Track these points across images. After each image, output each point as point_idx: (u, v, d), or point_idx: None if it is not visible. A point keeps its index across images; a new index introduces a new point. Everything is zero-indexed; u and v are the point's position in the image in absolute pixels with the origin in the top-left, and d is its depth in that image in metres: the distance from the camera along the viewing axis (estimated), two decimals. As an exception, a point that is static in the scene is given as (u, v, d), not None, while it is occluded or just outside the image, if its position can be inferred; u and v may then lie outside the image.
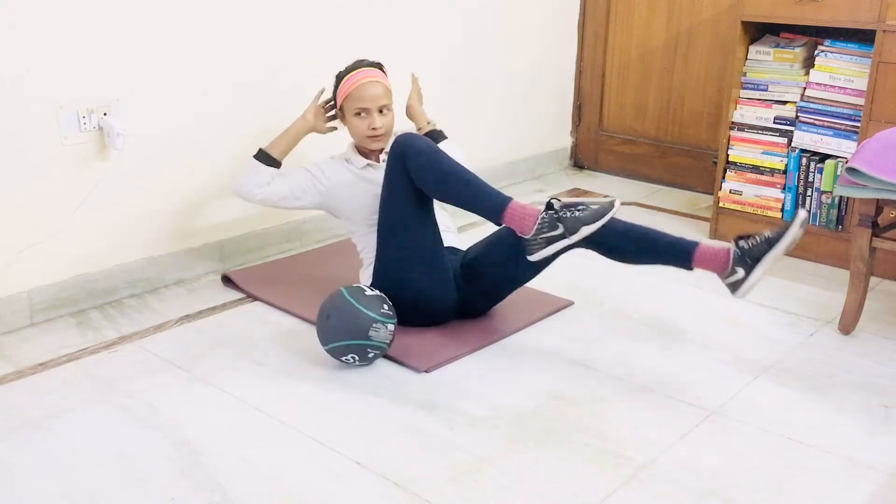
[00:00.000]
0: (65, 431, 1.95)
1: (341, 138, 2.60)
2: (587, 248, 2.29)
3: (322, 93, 2.59)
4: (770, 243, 2.14)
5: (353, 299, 2.17)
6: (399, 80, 2.68)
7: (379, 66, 2.52)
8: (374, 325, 2.16)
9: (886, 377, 2.25)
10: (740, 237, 2.20)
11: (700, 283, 2.82)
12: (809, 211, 3.02)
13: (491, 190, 2.21)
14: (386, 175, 2.28)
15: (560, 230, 2.11)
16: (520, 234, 2.16)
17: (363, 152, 2.53)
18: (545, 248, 2.14)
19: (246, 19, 2.78)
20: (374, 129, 2.44)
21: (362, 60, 2.51)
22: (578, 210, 2.12)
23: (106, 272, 2.60)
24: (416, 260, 2.31)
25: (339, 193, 2.50)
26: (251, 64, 2.82)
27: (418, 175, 2.21)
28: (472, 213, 2.23)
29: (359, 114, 2.44)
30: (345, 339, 2.16)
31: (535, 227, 2.12)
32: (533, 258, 2.17)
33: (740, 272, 2.16)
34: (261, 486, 1.77)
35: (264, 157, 2.51)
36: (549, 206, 2.15)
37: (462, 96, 3.61)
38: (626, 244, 2.29)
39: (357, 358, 2.19)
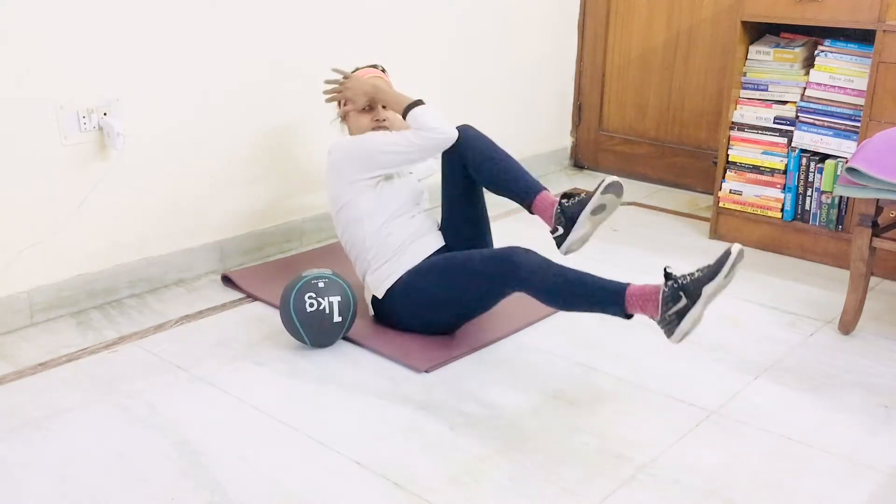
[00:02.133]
0: (65, 431, 1.95)
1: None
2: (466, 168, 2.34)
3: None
4: (582, 204, 2.21)
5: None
6: (399, 80, 2.68)
7: (377, 66, 2.54)
8: (299, 284, 2.26)
9: (886, 377, 2.25)
10: (564, 195, 2.26)
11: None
12: (809, 210, 3.02)
13: (601, 285, 2.11)
14: (481, 265, 2.23)
15: (684, 302, 1.99)
16: (651, 317, 2.05)
17: None
18: (679, 323, 2.00)
19: (246, 19, 2.78)
20: (377, 120, 2.46)
21: (364, 66, 2.53)
22: (698, 271, 2.01)
23: (106, 272, 2.60)
24: (455, 310, 2.35)
25: (381, 182, 2.43)
26: (251, 64, 2.82)
27: (529, 290, 2.16)
28: (592, 312, 2.15)
29: (362, 110, 2.47)
30: (285, 298, 2.27)
31: (661, 307, 2.01)
32: (673, 341, 2.04)
33: (560, 230, 2.24)
34: (261, 486, 1.77)
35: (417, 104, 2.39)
36: (666, 276, 2.04)
37: (462, 96, 3.61)
38: (489, 169, 2.33)
39: (313, 291, 2.24)
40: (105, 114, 2.49)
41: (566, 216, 2.23)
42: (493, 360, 2.30)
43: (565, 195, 2.27)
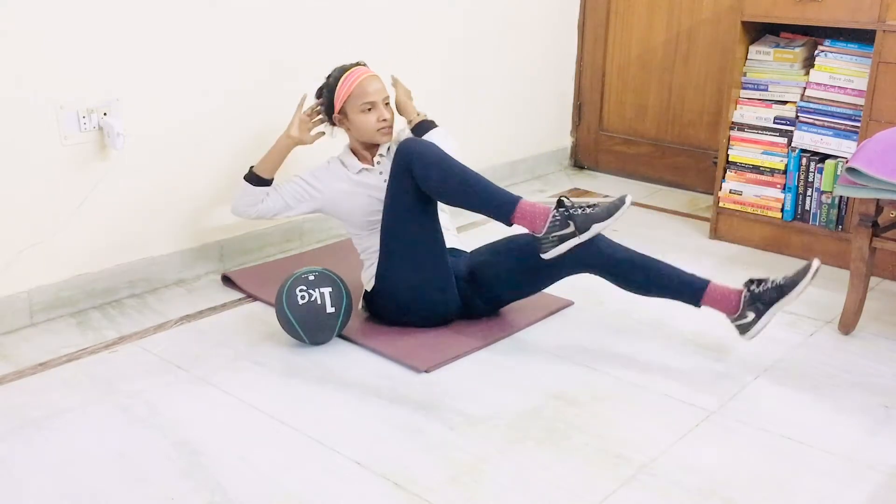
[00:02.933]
0: (65, 431, 1.95)
1: (335, 142, 2.60)
2: (598, 275, 2.30)
3: (304, 99, 2.56)
4: (782, 291, 2.17)
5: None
6: (401, 80, 2.68)
7: (361, 63, 2.51)
8: (290, 280, 2.29)
9: (886, 377, 2.25)
10: (752, 281, 2.23)
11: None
12: (809, 210, 3.02)
13: (499, 190, 2.21)
14: (390, 179, 2.28)
15: (571, 228, 2.11)
16: (531, 233, 2.15)
17: (359, 155, 2.52)
18: (557, 245, 2.14)
19: (246, 19, 2.78)
20: (384, 120, 2.44)
21: (345, 64, 2.50)
22: (589, 207, 2.12)
23: (106, 272, 2.61)
24: (419, 263, 2.31)
25: (335, 198, 2.49)
26: (251, 64, 2.82)
27: (424, 180, 2.20)
28: (481, 214, 2.23)
29: (366, 109, 2.43)
30: (279, 295, 2.29)
31: (547, 225, 2.12)
32: (546, 256, 2.17)
33: (750, 315, 2.20)
34: (261, 486, 1.77)
35: (254, 178, 2.52)
36: (559, 203, 2.14)
37: (462, 96, 3.61)
38: (637, 275, 2.29)
39: (303, 284, 2.26)
40: (105, 114, 2.49)
41: (762, 301, 2.19)
42: (493, 360, 2.30)
43: (751, 280, 2.24)
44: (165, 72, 2.61)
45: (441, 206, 2.46)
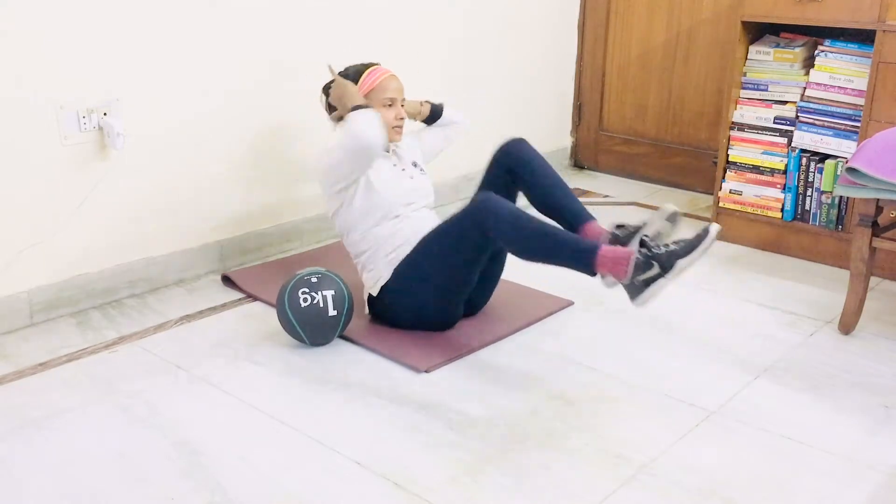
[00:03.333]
0: (65, 431, 1.95)
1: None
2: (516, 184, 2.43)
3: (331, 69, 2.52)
4: (636, 232, 2.18)
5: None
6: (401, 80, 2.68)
7: (375, 64, 2.53)
8: (293, 282, 2.28)
9: (886, 377, 2.25)
10: (618, 226, 2.24)
11: (700, 284, 2.82)
12: (809, 210, 3.02)
13: (576, 240, 2.14)
14: (457, 218, 2.24)
15: (656, 270, 2.01)
16: (619, 281, 2.07)
17: None
18: (645, 290, 2.04)
19: (246, 19, 2.78)
20: (401, 118, 2.48)
21: (363, 63, 2.51)
22: (673, 244, 2.03)
23: (106, 272, 2.61)
24: (446, 284, 2.32)
25: (380, 173, 2.43)
26: (251, 64, 2.82)
27: (500, 238, 2.16)
28: (561, 267, 2.16)
29: (387, 104, 2.45)
30: (281, 297, 2.29)
31: (631, 269, 2.03)
32: (636, 304, 2.07)
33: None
34: (261, 486, 1.77)
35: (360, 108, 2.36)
36: (641, 243, 2.05)
37: (462, 96, 3.61)
38: (545, 197, 2.39)
39: (306, 286, 2.26)
40: (105, 114, 2.49)
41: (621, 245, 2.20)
42: (493, 360, 2.31)
43: (618, 225, 2.25)
44: (165, 72, 2.61)
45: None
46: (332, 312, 2.27)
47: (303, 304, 2.25)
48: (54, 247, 2.48)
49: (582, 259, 2.10)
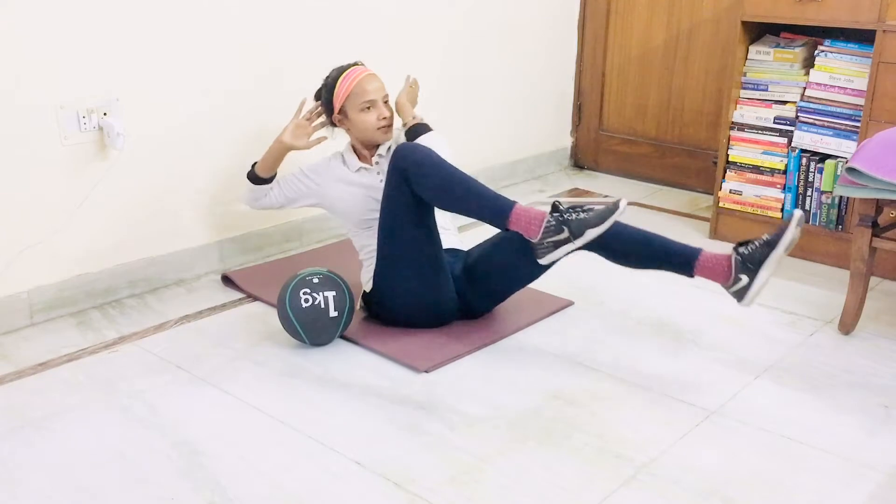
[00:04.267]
0: (65, 431, 1.96)
1: (335, 143, 2.60)
2: (591, 251, 2.28)
3: (303, 104, 2.56)
4: (770, 245, 2.13)
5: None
6: (400, 80, 2.68)
7: (359, 63, 2.52)
8: (294, 282, 2.28)
9: (886, 377, 2.25)
10: (739, 244, 2.19)
11: (700, 284, 2.81)
12: (808, 210, 3.02)
13: (493, 195, 2.20)
14: (386, 182, 2.28)
15: (565, 234, 2.09)
16: (527, 238, 2.15)
17: (359, 154, 2.53)
18: (553, 251, 2.13)
19: (245, 19, 2.78)
20: (384, 118, 2.45)
21: (343, 65, 2.50)
22: (584, 212, 2.10)
23: (106, 272, 2.61)
24: (415, 264, 2.31)
25: (332, 195, 2.51)
26: (251, 63, 2.82)
27: (420, 185, 2.20)
28: (476, 219, 2.23)
29: (366, 108, 2.43)
30: (282, 297, 2.29)
31: (542, 230, 2.11)
32: (542, 262, 2.16)
33: (744, 279, 2.14)
34: (261, 486, 1.77)
35: (254, 176, 2.58)
36: (553, 207, 2.13)
37: (462, 96, 3.61)
38: (630, 249, 2.29)
39: (307, 287, 2.26)
40: (105, 114, 2.49)
41: (753, 262, 2.14)
42: (493, 360, 2.30)
43: (739, 244, 2.20)
44: (165, 71, 2.61)
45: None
46: (332, 314, 2.27)
47: (304, 305, 2.25)
48: (54, 247, 2.48)
49: (497, 213, 2.17)
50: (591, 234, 2.08)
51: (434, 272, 2.33)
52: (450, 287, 2.37)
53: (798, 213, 2.14)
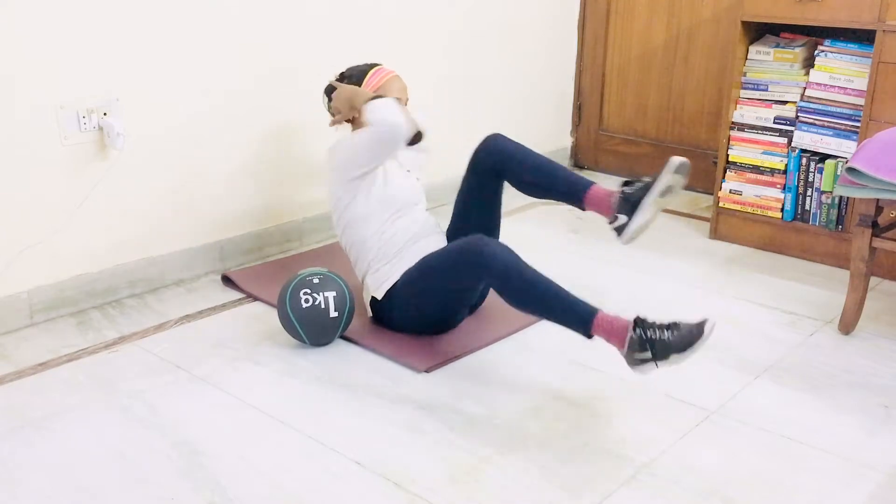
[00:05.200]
0: (65, 431, 1.95)
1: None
2: (502, 179, 2.36)
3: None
4: (647, 188, 2.13)
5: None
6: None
7: (377, 64, 2.53)
8: (294, 282, 2.27)
9: (886, 377, 2.25)
10: (626, 182, 2.20)
11: (700, 284, 2.82)
12: (809, 210, 3.02)
13: (572, 301, 2.09)
14: (453, 259, 2.22)
15: (648, 354, 1.98)
16: (616, 349, 2.05)
17: None
18: (641, 369, 2.01)
19: (246, 19, 2.78)
20: None
21: (367, 63, 2.51)
22: (668, 330, 1.98)
23: (106, 272, 2.61)
24: (444, 301, 2.33)
25: (391, 170, 2.45)
26: (251, 63, 2.82)
27: (500, 289, 2.13)
28: (557, 325, 2.12)
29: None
30: (282, 298, 2.29)
31: (626, 345, 2.00)
32: (634, 372, 2.04)
33: (622, 218, 2.17)
34: (261, 486, 1.77)
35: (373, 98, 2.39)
36: (636, 322, 2.01)
37: (462, 96, 3.61)
38: (536, 179, 2.32)
39: (307, 286, 2.25)
40: (105, 114, 2.49)
41: (630, 202, 2.16)
42: (493, 360, 2.30)
43: (625, 182, 2.22)
44: (165, 71, 2.61)
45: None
46: (332, 314, 2.27)
47: (304, 305, 2.25)
48: (54, 247, 2.48)
49: (579, 323, 2.06)
50: (675, 359, 1.95)
51: (460, 304, 2.37)
52: (466, 310, 2.43)
53: (677, 159, 2.12)
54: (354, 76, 2.50)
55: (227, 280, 2.78)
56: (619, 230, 2.20)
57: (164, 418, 2.01)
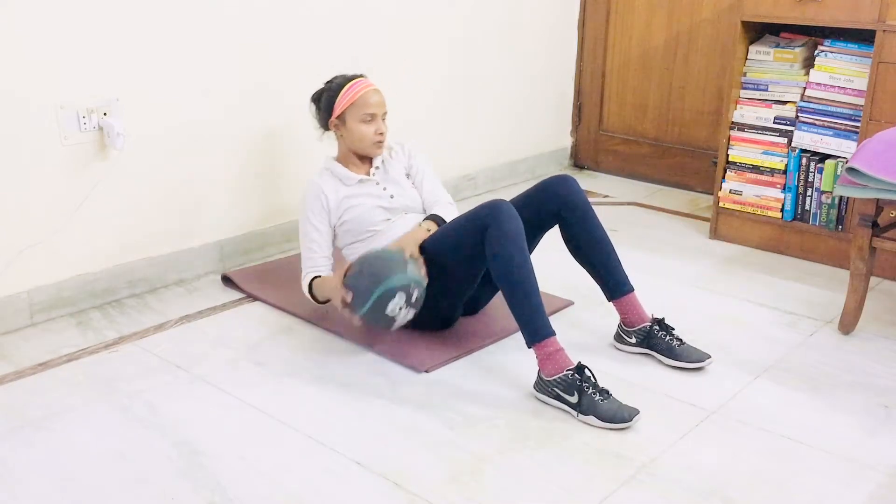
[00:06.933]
0: (65, 431, 1.96)
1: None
2: (557, 224, 2.36)
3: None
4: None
5: (378, 250, 2.24)
6: (401, 82, 2.68)
7: (363, 76, 2.50)
8: (405, 262, 2.18)
9: (886, 377, 2.25)
10: (661, 326, 2.32)
11: (700, 284, 2.82)
12: (809, 210, 3.02)
13: (542, 312, 2.11)
14: (465, 222, 2.23)
15: (574, 400, 2.02)
16: (538, 367, 2.10)
17: (350, 165, 2.49)
18: (549, 398, 2.07)
19: (246, 20, 2.78)
20: (381, 133, 2.43)
21: (348, 74, 2.49)
22: (602, 396, 2.02)
23: (106, 272, 2.61)
24: (443, 284, 2.30)
25: (342, 206, 2.44)
26: (251, 64, 2.82)
27: (490, 248, 2.14)
28: (514, 317, 2.15)
29: (366, 120, 2.41)
30: (386, 281, 2.14)
31: (555, 378, 2.05)
32: (535, 394, 2.11)
33: (628, 346, 2.37)
34: (261, 486, 1.77)
35: (313, 297, 2.43)
36: (579, 368, 2.06)
37: (462, 96, 3.61)
38: (588, 248, 2.35)
39: (405, 298, 2.15)
40: (105, 114, 2.49)
41: (641, 344, 2.34)
42: (494, 360, 2.30)
43: (660, 321, 2.33)
44: (166, 72, 2.61)
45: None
46: (395, 324, 2.22)
47: (388, 306, 2.16)
48: (54, 247, 2.48)
49: (532, 332, 2.11)
50: (593, 421, 1.99)
51: (459, 291, 2.35)
52: (460, 307, 2.43)
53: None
54: (334, 87, 2.46)
55: (227, 280, 2.78)
56: (620, 338, 2.37)
57: (164, 418, 2.01)
